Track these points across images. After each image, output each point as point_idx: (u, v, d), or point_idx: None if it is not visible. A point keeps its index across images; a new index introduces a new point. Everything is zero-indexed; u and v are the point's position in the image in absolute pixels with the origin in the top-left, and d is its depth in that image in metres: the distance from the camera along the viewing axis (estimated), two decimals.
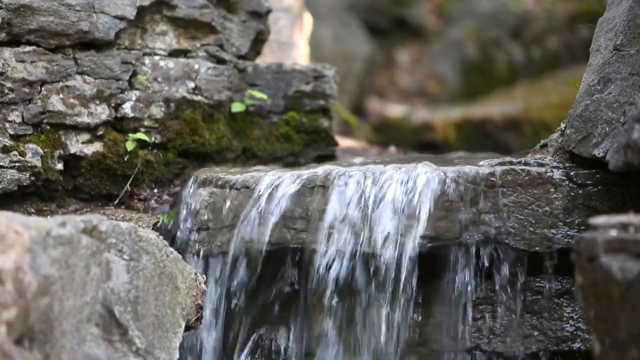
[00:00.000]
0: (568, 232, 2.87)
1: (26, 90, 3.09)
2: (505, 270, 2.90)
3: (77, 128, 3.18)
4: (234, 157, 3.45)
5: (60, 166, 3.15)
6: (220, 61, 3.43)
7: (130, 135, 3.24)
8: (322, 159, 3.49)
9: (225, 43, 3.44)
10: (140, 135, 3.24)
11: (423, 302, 2.93)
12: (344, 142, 4.14)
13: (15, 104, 3.09)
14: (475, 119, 6.33)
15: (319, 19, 6.35)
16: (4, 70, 3.06)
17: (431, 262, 2.89)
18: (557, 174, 2.90)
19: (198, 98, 3.36)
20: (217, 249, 3.01)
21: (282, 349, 3.00)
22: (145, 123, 3.27)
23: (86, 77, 3.19)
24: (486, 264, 2.89)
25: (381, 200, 2.90)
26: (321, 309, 2.94)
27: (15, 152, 3.06)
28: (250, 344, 3.02)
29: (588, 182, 2.89)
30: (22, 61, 3.09)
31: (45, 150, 3.11)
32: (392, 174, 2.93)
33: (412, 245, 2.85)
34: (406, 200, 2.88)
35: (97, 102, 3.19)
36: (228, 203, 3.03)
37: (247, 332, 3.01)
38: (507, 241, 2.87)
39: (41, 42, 3.12)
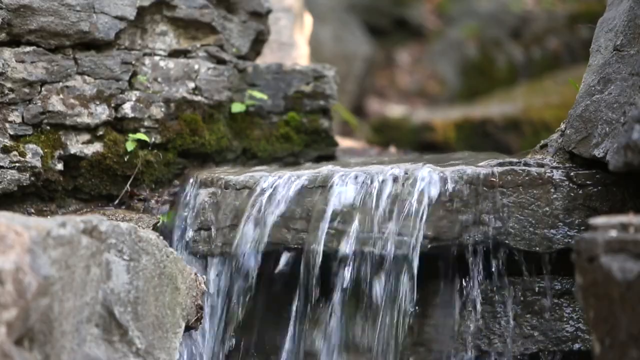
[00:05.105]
0: (568, 233, 2.87)
1: (26, 90, 3.10)
2: (505, 270, 2.90)
3: (77, 128, 3.18)
4: (234, 157, 3.45)
5: (60, 166, 3.15)
6: (220, 61, 3.43)
7: (130, 135, 3.24)
8: (322, 160, 3.49)
9: (225, 43, 3.44)
10: (140, 136, 3.24)
11: (423, 302, 2.93)
12: (344, 143, 4.14)
13: (15, 104, 3.09)
14: (475, 119, 6.33)
15: (319, 19, 6.35)
16: (4, 71, 3.06)
17: (431, 262, 2.89)
18: (557, 175, 2.91)
19: (198, 98, 3.36)
20: (217, 249, 3.01)
21: (282, 348, 3.00)
22: (145, 123, 3.27)
23: (86, 77, 3.19)
24: (486, 264, 2.89)
25: (381, 200, 2.90)
26: (321, 309, 2.94)
27: (15, 153, 3.06)
28: (250, 344, 3.02)
29: (588, 182, 2.89)
30: (22, 61, 3.09)
31: (45, 150, 3.11)
32: (392, 174, 2.93)
33: (412, 246, 2.85)
34: (406, 201, 2.88)
35: (97, 103, 3.19)
36: (228, 203, 3.03)
37: (247, 332, 3.01)
38: (507, 241, 2.87)
39: (41, 43, 3.12)
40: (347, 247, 2.89)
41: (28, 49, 3.10)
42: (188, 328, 2.61)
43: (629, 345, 2.03)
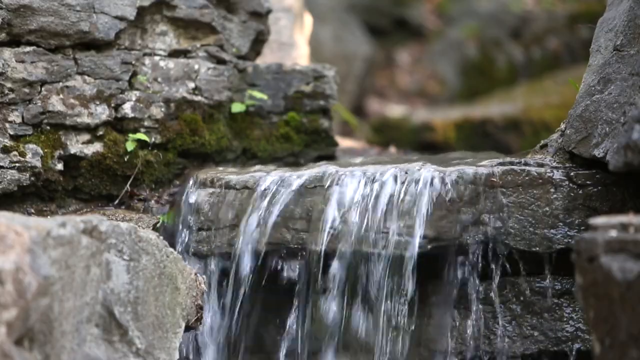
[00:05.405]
0: (568, 233, 2.87)
1: (26, 90, 3.10)
2: (505, 270, 2.90)
3: (77, 128, 3.18)
4: (234, 157, 3.45)
5: (60, 166, 3.15)
6: (221, 61, 3.43)
7: (130, 135, 3.24)
8: (322, 159, 3.49)
9: (225, 43, 3.44)
10: (140, 136, 3.24)
11: (423, 302, 2.93)
12: (344, 143, 4.14)
13: (15, 104, 3.09)
14: (475, 119, 6.33)
15: (319, 19, 6.35)
16: (4, 71, 3.06)
17: (431, 262, 2.89)
18: (557, 175, 2.91)
19: (198, 98, 3.36)
20: (217, 249, 3.01)
21: (283, 348, 3.00)
22: (145, 123, 3.27)
23: (86, 77, 3.19)
24: (486, 264, 2.89)
25: (381, 200, 2.90)
26: (322, 308, 2.94)
27: (15, 153, 3.06)
28: (251, 344, 3.02)
29: (588, 182, 2.89)
30: (22, 61, 3.09)
31: (45, 150, 3.11)
32: (393, 174, 2.93)
33: (412, 245, 2.85)
34: (406, 201, 2.88)
35: (97, 103, 3.19)
36: (228, 203, 3.03)
37: (247, 332, 3.01)
38: (507, 241, 2.87)
39: (41, 43, 3.12)
40: (346, 246, 2.89)
41: (28, 49, 3.10)
42: (188, 328, 2.61)
43: (629, 345, 2.03)
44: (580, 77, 3.10)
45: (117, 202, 3.25)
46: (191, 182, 3.16)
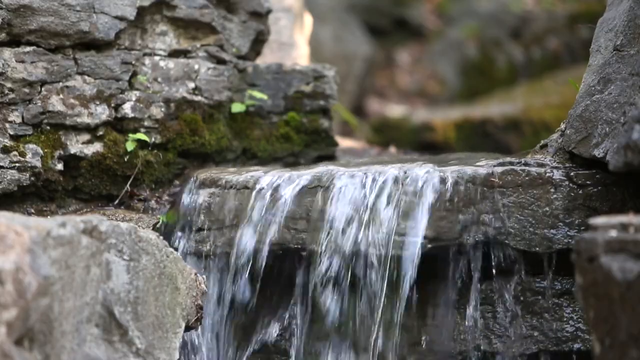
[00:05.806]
0: (568, 233, 2.87)
1: (26, 90, 3.10)
2: (505, 270, 2.90)
3: (77, 128, 3.18)
4: (234, 157, 3.45)
5: (60, 166, 3.15)
6: (221, 61, 3.43)
7: (130, 135, 3.24)
8: (322, 159, 3.49)
9: (225, 43, 3.44)
10: (140, 136, 3.24)
11: (423, 302, 2.93)
12: (344, 143, 4.14)
13: (15, 104, 3.09)
14: (475, 119, 6.33)
15: (319, 19, 6.35)
16: (4, 71, 3.06)
17: (431, 263, 2.89)
18: (557, 175, 2.91)
19: (198, 98, 3.36)
20: (217, 249, 3.01)
21: (283, 348, 3.00)
22: (145, 123, 3.27)
23: (86, 77, 3.19)
24: (486, 264, 2.89)
25: (381, 200, 2.90)
26: (321, 309, 2.94)
27: (15, 153, 3.06)
28: (251, 344, 3.02)
29: (588, 182, 2.89)
30: (22, 61, 3.09)
31: (45, 150, 3.11)
32: (392, 174, 2.93)
33: (412, 245, 2.85)
34: (406, 201, 2.88)
35: (97, 103, 3.19)
36: (228, 203, 3.03)
37: (247, 332, 3.01)
38: (507, 241, 2.87)
39: (41, 43, 3.12)
40: (346, 246, 2.89)
41: (28, 49, 3.10)
42: (188, 328, 2.61)
43: (629, 345, 2.03)
44: (580, 77, 3.10)
45: (117, 202, 3.25)
46: (191, 182, 3.16)
